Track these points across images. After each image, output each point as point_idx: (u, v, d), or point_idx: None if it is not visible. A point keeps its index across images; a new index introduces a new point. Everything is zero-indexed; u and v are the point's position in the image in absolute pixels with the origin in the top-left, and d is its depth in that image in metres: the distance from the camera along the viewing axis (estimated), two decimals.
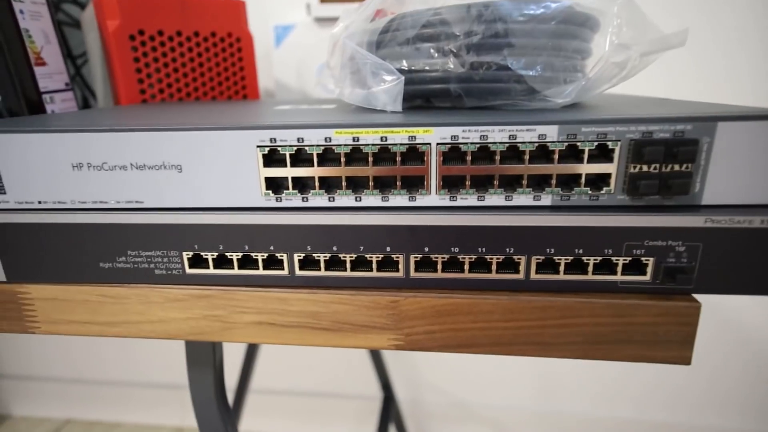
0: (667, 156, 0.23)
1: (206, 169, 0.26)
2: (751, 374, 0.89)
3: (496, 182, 0.25)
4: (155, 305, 0.28)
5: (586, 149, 0.24)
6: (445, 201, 0.25)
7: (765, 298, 0.82)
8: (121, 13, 0.46)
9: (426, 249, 0.26)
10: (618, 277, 0.25)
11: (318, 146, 0.25)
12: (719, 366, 0.90)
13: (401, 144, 0.24)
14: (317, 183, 0.26)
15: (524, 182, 0.25)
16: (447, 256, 0.26)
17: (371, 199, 0.26)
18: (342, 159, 0.25)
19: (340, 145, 0.25)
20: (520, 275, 0.26)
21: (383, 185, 0.26)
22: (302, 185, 0.26)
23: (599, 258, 0.25)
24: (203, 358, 0.35)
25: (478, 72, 0.29)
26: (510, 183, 0.25)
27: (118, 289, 0.28)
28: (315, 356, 1.01)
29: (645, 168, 0.24)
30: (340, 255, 0.26)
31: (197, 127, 0.25)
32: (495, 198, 0.25)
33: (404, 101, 0.30)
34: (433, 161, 0.25)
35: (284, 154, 0.25)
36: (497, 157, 0.24)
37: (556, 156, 0.24)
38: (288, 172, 0.25)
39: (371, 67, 0.30)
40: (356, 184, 0.26)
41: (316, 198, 0.26)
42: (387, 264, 0.27)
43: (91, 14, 0.48)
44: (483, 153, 0.25)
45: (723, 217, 0.23)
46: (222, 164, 0.25)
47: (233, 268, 0.27)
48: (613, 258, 0.25)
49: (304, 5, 0.68)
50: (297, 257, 0.26)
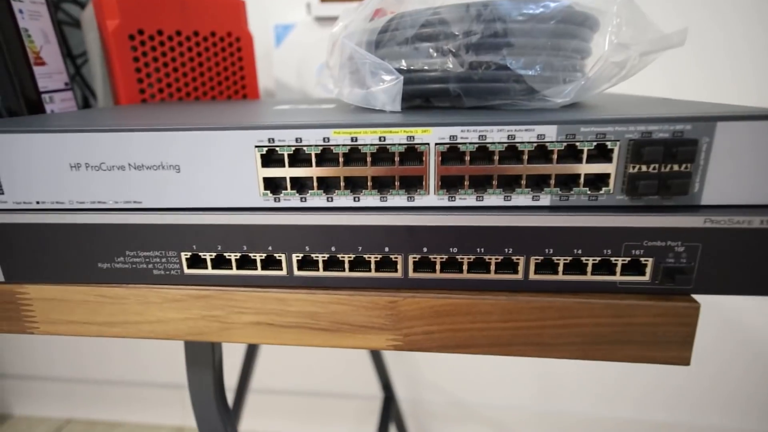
0: (667, 156, 0.23)
1: (204, 170, 0.25)
2: (753, 374, 0.89)
3: (495, 182, 0.25)
4: (154, 305, 0.28)
5: (585, 149, 0.24)
6: (444, 201, 0.25)
7: (767, 299, 0.82)
8: (121, 13, 0.46)
9: (424, 249, 0.26)
10: (617, 278, 0.25)
11: (316, 146, 0.25)
12: (721, 366, 0.90)
13: (400, 144, 0.24)
14: (315, 183, 0.26)
15: (523, 182, 0.25)
16: (445, 257, 0.26)
17: (370, 200, 0.26)
18: (340, 159, 0.25)
19: (339, 145, 0.25)
20: (519, 275, 0.26)
21: (382, 185, 0.26)
22: (301, 185, 0.26)
23: (598, 258, 0.25)
24: (202, 359, 0.35)
25: (477, 72, 0.29)
26: (509, 183, 0.25)
27: (117, 290, 0.28)
28: (315, 356, 1.01)
29: (644, 168, 0.23)
30: (339, 255, 0.26)
31: (195, 127, 0.25)
32: (494, 198, 0.25)
33: (403, 101, 0.30)
34: (432, 161, 0.25)
35: (282, 155, 0.25)
36: (496, 157, 0.24)
37: (555, 156, 0.24)
38: (286, 173, 0.25)
39: (370, 67, 0.30)
40: (355, 185, 0.26)
41: (315, 198, 0.26)
42: (385, 264, 0.26)
43: (91, 14, 0.48)
44: (482, 153, 0.25)
45: (722, 218, 0.23)
46: (220, 164, 0.25)
47: (231, 269, 0.27)
48: (612, 258, 0.25)
49: (305, 5, 0.68)
50: (295, 257, 0.26)
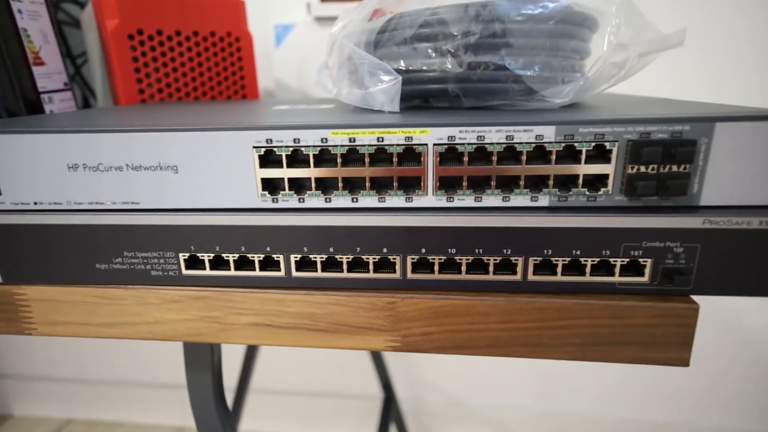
0: (665, 157, 0.23)
1: (202, 170, 0.25)
2: (754, 375, 0.89)
3: (493, 183, 0.25)
4: (152, 306, 0.28)
5: (584, 150, 0.24)
6: (442, 202, 0.25)
7: (767, 299, 0.82)
8: (120, 13, 0.46)
9: (423, 250, 0.26)
10: (616, 279, 0.25)
11: (314, 147, 0.25)
12: (722, 366, 0.89)
13: (398, 145, 0.24)
14: (314, 184, 0.25)
15: (521, 183, 0.25)
16: (444, 258, 0.26)
17: (368, 200, 0.26)
18: (338, 160, 0.25)
19: (337, 146, 0.25)
20: (518, 276, 0.26)
21: (380, 186, 0.26)
22: (299, 186, 0.26)
23: (597, 259, 0.25)
24: (201, 360, 0.35)
25: (476, 72, 0.29)
26: (507, 184, 0.25)
27: (115, 291, 0.28)
28: (315, 356, 1.01)
29: (643, 169, 0.23)
30: (337, 256, 0.26)
31: (193, 128, 0.25)
32: (492, 199, 0.25)
33: (402, 101, 0.30)
34: (430, 162, 0.25)
35: (280, 155, 0.25)
36: (494, 158, 0.24)
37: (554, 157, 0.24)
38: (284, 173, 0.25)
39: (369, 67, 0.30)
40: (353, 185, 0.26)
41: (313, 199, 0.26)
42: (384, 265, 0.26)
43: (91, 13, 0.48)
44: (480, 154, 0.24)
45: (721, 218, 0.23)
46: (218, 165, 0.25)
47: (230, 270, 0.27)
48: (611, 259, 0.25)
49: (305, 4, 0.68)
50: (293, 258, 0.26)
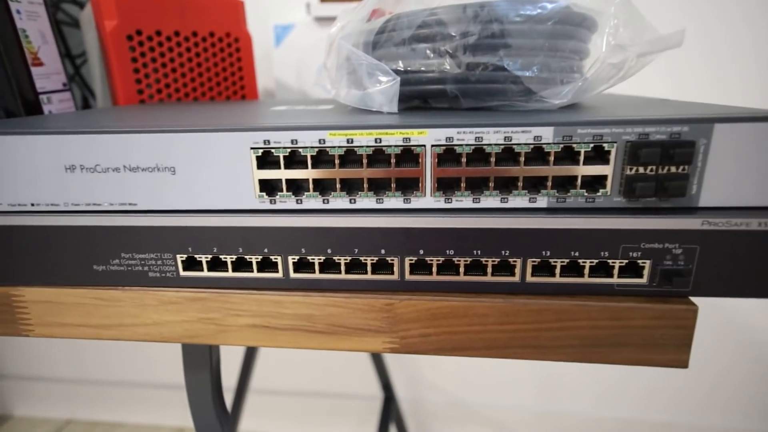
0: (664, 158, 0.23)
1: (200, 171, 0.25)
2: (755, 375, 0.89)
3: (492, 184, 0.25)
4: (149, 308, 0.27)
5: (582, 151, 0.24)
6: (440, 203, 0.25)
7: None
8: (119, 13, 0.46)
9: (421, 251, 0.25)
10: (614, 280, 0.25)
11: (312, 148, 0.25)
12: (723, 367, 0.89)
13: (396, 146, 0.24)
14: (311, 185, 0.25)
15: (520, 184, 0.25)
16: (442, 259, 0.26)
17: (366, 201, 0.25)
18: (336, 161, 0.25)
19: (334, 147, 0.25)
20: (516, 278, 0.25)
21: (378, 187, 0.26)
22: (296, 187, 0.26)
23: (595, 260, 0.25)
24: (200, 361, 0.35)
25: (474, 73, 0.29)
26: (505, 185, 0.25)
27: (112, 292, 0.27)
28: (315, 356, 1.01)
29: (641, 170, 0.23)
30: (335, 257, 0.26)
31: (190, 129, 0.25)
32: (490, 200, 0.25)
33: (401, 102, 0.30)
34: (428, 163, 0.24)
35: (278, 156, 0.25)
36: (492, 159, 0.24)
37: (552, 158, 0.24)
38: (282, 174, 0.25)
39: (367, 68, 0.29)
40: (351, 186, 0.26)
41: (311, 200, 0.26)
42: (382, 267, 0.26)
43: (90, 14, 0.48)
44: (478, 155, 0.24)
45: (720, 220, 0.23)
46: (216, 166, 0.25)
47: (227, 271, 0.27)
48: (610, 260, 0.25)
49: (304, 5, 0.68)
50: (291, 260, 0.26)
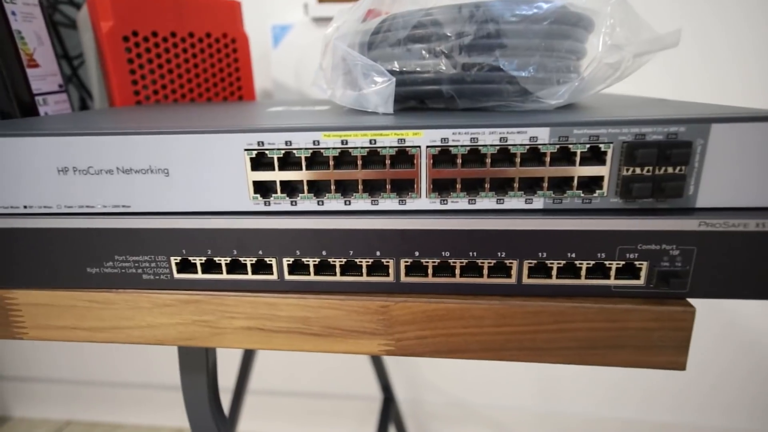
0: (661, 158, 0.22)
1: (193, 173, 0.25)
2: (757, 375, 0.88)
3: (487, 185, 0.24)
4: (144, 310, 0.27)
5: (578, 152, 0.23)
6: (436, 204, 0.25)
7: None
8: (115, 14, 0.46)
9: (416, 253, 0.25)
10: (611, 282, 0.25)
11: (306, 149, 0.24)
12: (724, 368, 0.89)
13: (390, 147, 0.24)
14: (306, 186, 0.25)
15: (516, 185, 0.24)
16: (438, 261, 0.25)
17: (361, 203, 0.25)
18: (331, 162, 0.25)
19: (329, 148, 0.24)
20: (512, 279, 0.25)
21: (373, 189, 0.25)
22: (291, 189, 0.26)
23: (592, 262, 0.25)
24: (196, 363, 0.35)
25: (470, 73, 0.28)
26: (501, 186, 0.25)
27: (106, 295, 0.27)
28: (314, 357, 1.01)
29: (638, 170, 0.23)
30: (330, 259, 0.26)
31: (183, 131, 0.25)
32: (486, 201, 0.25)
33: (398, 103, 0.30)
34: (423, 164, 0.24)
35: (272, 158, 0.25)
36: (488, 160, 0.24)
37: (548, 158, 0.24)
38: (276, 176, 0.25)
39: (362, 69, 0.29)
40: (345, 188, 0.26)
41: (305, 202, 0.25)
42: (377, 268, 0.26)
43: (86, 15, 0.48)
44: (473, 156, 0.24)
45: (717, 221, 0.23)
46: (209, 168, 0.25)
47: (222, 273, 0.27)
48: (607, 262, 0.24)
49: (302, 5, 0.68)
50: (286, 262, 0.26)
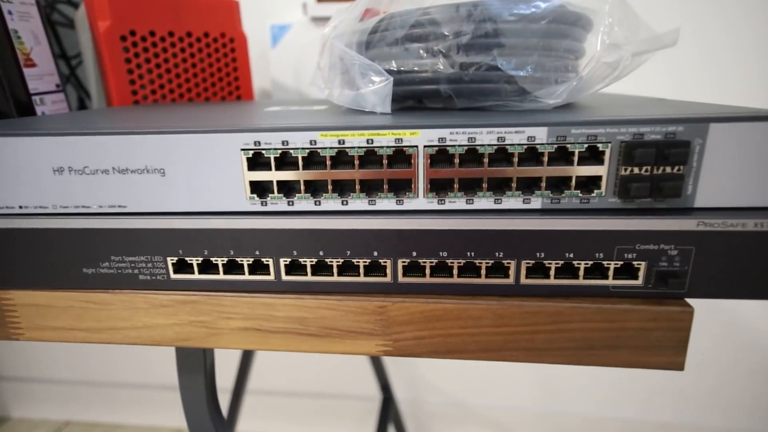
0: (659, 158, 0.22)
1: (190, 173, 0.25)
2: (758, 376, 0.88)
3: (485, 185, 0.24)
4: (140, 311, 0.27)
5: (576, 151, 0.23)
6: (433, 204, 0.25)
7: None
8: (112, 14, 0.46)
9: (414, 253, 0.25)
10: (609, 282, 0.25)
11: (303, 149, 0.24)
12: (725, 368, 0.89)
13: (388, 147, 0.24)
14: (303, 186, 0.25)
15: (513, 185, 0.24)
16: (435, 261, 0.25)
17: (358, 203, 0.25)
18: (328, 162, 0.25)
19: (326, 148, 0.24)
20: (510, 280, 0.25)
21: (370, 188, 0.25)
22: (288, 189, 0.26)
23: (590, 262, 0.24)
24: (194, 364, 0.35)
25: (468, 73, 0.28)
26: (499, 186, 0.25)
27: (103, 295, 0.27)
28: (313, 357, 1.01)
29: (636, 170, 0.23)
30: (327, 260, 0.26)
31: (179, 130, 0.24)
32: (484, 201, 0.25)
33: (395, 102, 0.30)
34: (421, 164, 0.24)
35: (269, 158, 0.25)
36: (486, 160, 0.24)
37: (546, 158, 0.24)
38: (273, 176, 0.25)
39: (360, 68, 0.29)
40: (342, 188, 0.25)
41: (302, 202, 0.25)
42: (374, 269, 0.26)
43: (84, 14, 0.48)
44: (471, 155, 0.24)
45: (716, 220, 0.23)
46: (206, 168, 0.25)
47: (218, 274, 0.27)
48: (605, 262, 0.24)
49: (301, 5, 0.67)
50: (283, 262, 0.26)
